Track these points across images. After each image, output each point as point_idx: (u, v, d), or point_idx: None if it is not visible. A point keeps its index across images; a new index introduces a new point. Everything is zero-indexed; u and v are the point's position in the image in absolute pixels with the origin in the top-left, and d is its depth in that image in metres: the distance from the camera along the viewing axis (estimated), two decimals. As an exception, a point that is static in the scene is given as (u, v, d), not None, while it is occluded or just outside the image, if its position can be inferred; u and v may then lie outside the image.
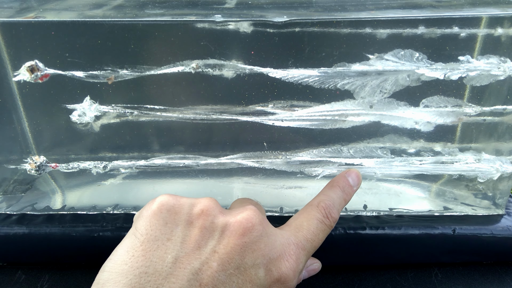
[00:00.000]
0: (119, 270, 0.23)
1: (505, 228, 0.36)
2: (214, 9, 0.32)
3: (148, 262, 0.23)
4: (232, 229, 0.24)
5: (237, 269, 0.23)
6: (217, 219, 0.25)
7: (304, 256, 0.26)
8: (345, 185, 0.31)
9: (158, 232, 0.24)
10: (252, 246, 0.24)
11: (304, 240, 0.26)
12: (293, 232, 0.27)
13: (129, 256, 0.23)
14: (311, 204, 0.29)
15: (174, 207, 0.25)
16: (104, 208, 0.38)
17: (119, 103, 0.34)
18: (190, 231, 0.24)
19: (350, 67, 0.32)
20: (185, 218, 0.25)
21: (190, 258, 0.23)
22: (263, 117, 0.34)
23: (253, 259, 0.24)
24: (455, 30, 0.31)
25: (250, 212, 0.25)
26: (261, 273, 0.24)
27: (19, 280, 0.36)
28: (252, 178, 0.38)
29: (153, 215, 0.25)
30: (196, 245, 0.24)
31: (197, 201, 0.26)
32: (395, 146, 0.36)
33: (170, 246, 0.23)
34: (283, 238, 0.26)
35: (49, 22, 0.31)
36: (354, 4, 0.33)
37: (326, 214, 0.28)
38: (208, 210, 0.25)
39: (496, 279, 0.36)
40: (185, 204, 0.26)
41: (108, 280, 0.22)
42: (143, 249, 0.23)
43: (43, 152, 0.37)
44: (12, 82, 0.33)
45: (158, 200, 0.26)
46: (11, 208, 0.38)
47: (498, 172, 0.36)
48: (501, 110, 0.34)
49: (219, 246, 0.24)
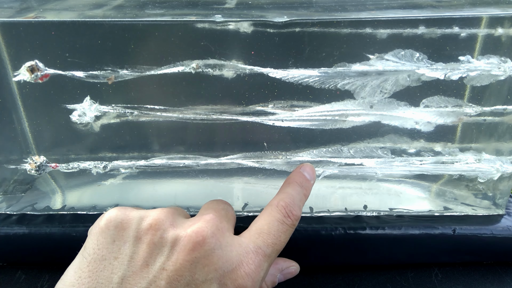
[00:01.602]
0: None
1: (505, 228, 0.36)
2: (214, 9, 0.32)
3: (94, 284, 0.22)
4: (182, 244, 0.23)
5: (187, 286, 0.22)
6: (167, 234, 0.24)
7: (265, 262, 0.25)
8: (302, 180, 0.30)
9: (105, 251, 0.23)
10: (203, 260, 0.23)
11: (265, 246, 0.25)
12: (252, 238, 0.26)
13: (76, 277, 0.23)
14: (270, 205, 0.28)
15: (122, 223, 0.24)
16: (104, 208, 0.38)
17: (119, 103, 0.34)
18: (138, 248, 0.23)
19: (351, 67, 0.32)
20: (133, 234, 0.24)
21: (137, 277, 0.22)
22: (263, 117, 0.34)
23: (204, 275, 0.23)
24: (456, 30, 0.31)
25: (202, 224, 0.24)
26: (214, 287, 0.23)
27: (19, 280, 0.36)
28: (252, 178, 0.38)
29: (101, 232, 0.24)
30: (144, 263, 0.23)
31: (146, 214, 0.25)
32: (395, 146, 0.36)
33: (117, 266, 0.23)
34: (240, 247, 0.25)
35: (49, 22, 0.31)
36: (354, 4, 0.33)
37: (286, 213, 0.27)
38: (157, 224, 0.24)
39: (496, 279, 0.36)
40: (134, 218, 0.24)
41: None
42: (90, 269, 0.23)
43: (43, 152, 0.37)
44: (12, 82, 0.33)
45: (107, 215, 0.25)
46: (11, 208, 0.38)
47: (498, 172, 0.36)
48: (502, 110, 0.34)
49: (168, 262, 0.23)
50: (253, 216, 0.37)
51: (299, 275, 0.36)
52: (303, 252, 0.35)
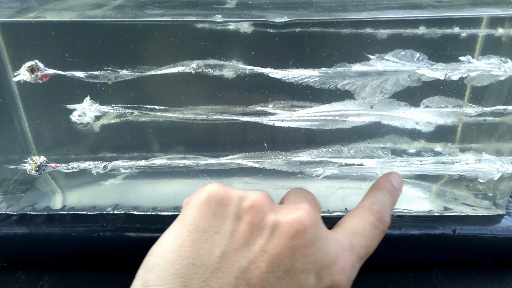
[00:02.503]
0: (166, 257, 0.22)
1: (505, 228, 0.36)
2: (214, 9, 0.32)
3: (195, 254, 0.22)
4: (283, 229, 0.23)
5: (286, 272, 0.22)
6: (267, 217, 0.24)
7: (358, 263, 0.25)
8: (391, 188, 0.29)
9: (207, 224, 0.23)
10: (302, 250, 0.23)
11: (359, 247, 0.25)
12: (347, 236, 0.25)
13: (176, 244, 0.23)
14: (362, 207, 0.27)
15: (223, 199, 0.24)
16: (104, 208, 0.38)
17: (119, 103, 0.34)
18: (238, 226, 0.23)
19: (351, 68, 0.32)
20: (234, 212, 0.24)
21: (238, 255, 0.22)
22: (263, 118, 0.34)
23: (303, 264, 0.22)
24: (456, 30, 0.31)
25: (302, 213, 0.24)
26: (311, 279, 0.22)
27: (19, 280, 0.36)
28: (252, 178, 0.38)
29: (202, 204, 0.24)
30: (245, 242, 0.23)
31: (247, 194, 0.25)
32: (395, 147, 0.36)
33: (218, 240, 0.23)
34: (336, 243, 0.24)
35: (49, 22, 0.31)
36: (355, 4, 0.33)
37: (379, 218, 0.27)
38: (258, 205, 0.24)
39: (497, 279, 0.36)
40: (235, 196, 0.24)
41: (155, 266, 0.22)
42: (191, 239, 0.23)
43: (43, 152, 0.37)
44: (12, 82, 0.33)
45: (208, 189, 0.24)
46: (11, 208, 0.38)
47: (498, 172, 0.36)
48: (502, 110, 0.34)
49: (268, 245, 0.22)
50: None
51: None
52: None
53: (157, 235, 0.35)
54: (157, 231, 0.36)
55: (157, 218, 0.37)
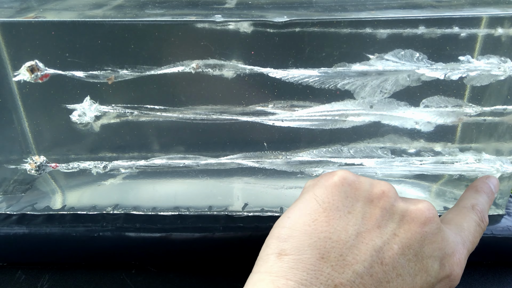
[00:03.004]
0: (301, 229, 0.23)
1: (505, 228, 0.36)
2: (214, 9, 0.32)
3: (332, 229, 0.23)
4: (414, 216, 0.24)
5: (415, 256, 0.23)
6: (397, 203, 0.25)
7: (466, 256, 0.26)
8: (489, 191, 0.31)
9: (340, 204, 0.24)
10: (431, 237, 0.24)
11: (468, 241, 0.27)
12: (457, 231, 0.27)
13: (311, 219, 0.23)
14: (464, 206, 0.29)
15: (355, 183, 0.25)
16: (104, 208, 0.38)
17: (119, 103, 0.34)
18: (370, 209, 0.24)
19: (350, 67, 0.32)
20: (366, 195, 0.25)
21: (372, 235, 0.23)
22: (263, 117, 0.34)
23: (430, 250, 0.24)
24: (456, 30, 0.31)
25: (429, 204, 0.25)
26: (436, 265, 0.24)
27: (19, 280, 0.36)
28: (252, 178, 0.38)
29: (334, 186, 0.25)
30: (376, 224, 0.24)
31: (377, 182, 0.26)
32: (395, 146, 0.36)
33: (352, 219, 0.24)
34: (453, 236, 0.26)
35: (49, 22, 0.31)
36: (354, 4, 0.33)
37: (481, 218, 0.28)
38: (389, 192, 0.25)
39: (496, 279, 0.36)
40: (365, 182, 0.26)
41: (291, 236, 0.23)
42: (326, 215, 0.24)
43: (43, 152, 0.37)
44: (12, 82, 0.33)
45: (339, 173, 0.26)
46: (11, 208, 0.38)
47: (498, 172, 0.36)
48: (502, 110, 0.34)
49: (399, 230, 0.24)
50: (253, 216, 0.37)
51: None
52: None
53: (157, 235, 0.36)
54: (157, 231, 0.36)
55: (157, 218, 0.37)
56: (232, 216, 0.37)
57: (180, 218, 0.37)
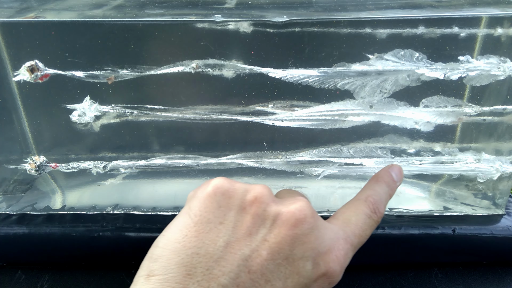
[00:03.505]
0: (172, 247, 0.23)
1: (505, 228, 0.36)
2: (214, 9, 0.32)
3: (200, 243, 0.23)
4: (284, 218, 0.24)
5: (285, 259, 0.23)
6: (270, 208, 0.25)
7: (351, 251, 0.26)
8: (390, 180, 0.30)
9: (212, 215, 0.24)
10: (302, 238, 0.24)
11: (353, 235, 0.26)
12: (341, 226, 0.26)
13: (182, 235, 0.23)
14: (358, 199, 0.29)
15: (228, 191, 0.25)
16: (104, 208, 0.38)
17: (119, 103, 0.34)
18: (242, 217, 0.24)
19: (350, 67, 0.32)
20: (238, 204, 0.25)
21: (241, 244, 0.23)
22: (263, 117, 0.34)
23: (302, 251, 0.24)
24: (455, 30, 0.31)
25: (303, 204, 0.25)
26: (308, 266, 0.24)
27: (19, 280, 0.36)
28: (252, 178, 0.38)
29: (208, 197, 0.25)
30: (248, 232, 0.24)
31: (251, 188, 0.26)
32: (395, 146, 0.36)
33: (222, 230, 0.24)
34: (332, 232, 0.26)
35: (49, 22, 0.31)
36: (354, 4, 0.33)
37: (374, 209, 0.28)
38: (262, 197, 0.25)
39: (496, 279, 0.36)
40: (239, 189, 0.26)
41: (161, 256, 0.23)
42: (196, 230, 0.24)
43: (43, 152, 0.37)
44: (12, 82, 0.33)
45: (213, 182, 0.26)
46: (11, 208, 0.38)
47: (498, 172, 0.36)
48: (501, 110, 0.34)
49: (270, 235, 0.24)
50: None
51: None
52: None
53: (157, 235, 0.35)
54: (157, 231, 0.36)
55: (157, 218, 0.37)
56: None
57: (180, 218, 0.37)
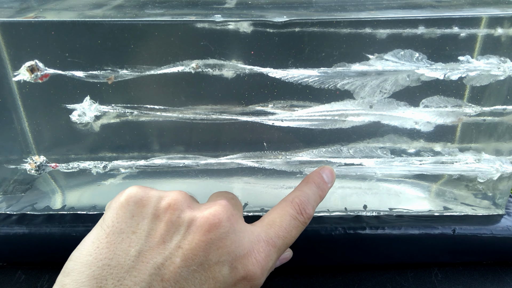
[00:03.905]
0: (83, 260, 0.23)
1: (505, 228, 0.36)
2: (214, 9, 0.32)
3: (111, 255, 0.23)
4: (198, 224, 0.24)
5: (200, 265, 0.23)
6: (184, 214, 0.24)
7: (274, 253, 0.26)
8: (320, 181, 0.30)
9: (124, 225, 0.24)
10: (217, 242, 0.24)
11: (276, 237, 0.26)
12: (264, 228, 0.26)
13: (94, 247, 0.23)
14: (285, 200, 0.29)
15: (142, 200, 0.25)
16: (104, 208, 0.38)
17: (119, 103, 0.34)
18: (156, 225, 0.24)
19: (350, 67, 0.32)
20: (152, 212, 0.24)
21: (154, 252, 0.23)
22: (263, 117, 0.34)
23: (217, 256, 0.23)
24: (455, 30, 0.31)
25: (218, 208, 0.25)
26: (225, 270, 0.23)
27: (19, 280, 0.36)
28: (252, 178, 0.38)
29: (121, 207, 0.25)
30: (161, 240, 0.23)
31: (165, 194, 0.26)
32: (395, 146, 0.36)
33: (135, 240, 0.23)
34: (252, 235, 0.25)
35: (49, 22, 0.31)
36: (354, 4, 0.33)
37: (300, 210, 0.28)
38: (176, 204, 0.25)
39: (496, 279, 0.36)
40: (153, 197, 0.25)
41: (73, 270, 0.23)
42: (108, 241, 0.23)
43: (43, 152, 0.37)
44: (12, 82, 0.33)
45: (127, 192, 0.25)
46: (11, 208, 0.38)
47: (498, 172, 0.36)
48: (501, 110, 0.34)
49: (183, 241, 0.23)
50: (253, 216, 0.37)
51: (299, 275, 0.36)
52: (303, 252, 0.35)
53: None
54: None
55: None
56: (232, 216, 0.37)
57: (180, 218, 0.37)
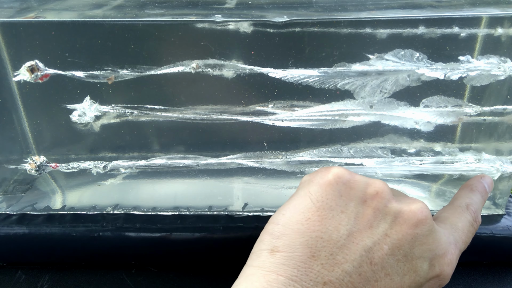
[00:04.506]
0: (294, 227, 0.24)
1: (505, 228, 0.36)
2: (214, 9, 0.32)
3: (324, 228, 0.23)
4: (406, 217, 0.25)
5: (404, 256, 0.24)
6: (391, 204, 0.25)
7: (458, 257, 0.27)
8: (483, 190, 0.31)
9: (333, 203, 0.25)
10: (422, 238, 0.24)
11: (460, 242, 0.27)
12: (451, 232, 0.27)
13: (304, 217, 0.24)
14: (459, 206, 0.29)
15: (349, 182, 0.26)
16: (104, 208, 0.38)
17: (119, 103, 0.34)
18: (363, 209, 0.25)
19: (350, 67, 0.32)
20: (360, 195, 0.25)
21: (363, 235, 0.24)
22: (263, 117, 0.34)
23: (421, 251, 0.24)
24: (455, 30, 0.31)
25: (423, 205, 0.26)
26: (425, 266, 0.24)
27: (19, 280, 0.36)
28: (252, 178, 0.38)
29: (329, 184, 0.25)
30: (369, 224, 0.24)
31: (371, 181, 0.26)
32: (395, 146, 0.36)
33: (345, 219, 0.24)
34: (445, 236, 0.26)
35: (49, 22, 0.31)
36: (354, 4, 0.33)
37: (475, 218, 0.29)
38: (383, 193, 0.25)
39: (496, 279, 0.36)
40: (360, 181, 0.26)
41: (283, 234, 0.23)
42: (319, 215, 0.24)
43: (43, 152, 0.37)
44: (12, 82, 0.33)
45: (334, 171, 0.26)
46: (11, 208, 0.38)
47: (498, 172, 0.36)
48: (501, 110, 0.34)
49: (391, 230, 0.24)
50: (253, 216, 0.37)
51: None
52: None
53: (157, 235, 0.36)
54: (157, 231, 0.36)
55: (157, 218, 0.37)
56: (232, 216, 0.37)
57: (180, 218, 0.37)
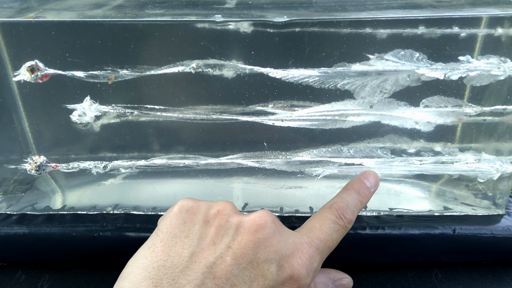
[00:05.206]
0: (139, 263, 0.24)
1: (505, 228, 0.36)
2: (214, 9, 0.32)
3: (166, 257, 0.24)
4: (246, 226, 0.26)
5: (250, 263, 0.24)
6: (232, 218, 0.27)
7: (317, 255, 0.27)
8: (360, 187, 0.31)
9: (177, 230, 0.26)
10: (264, 242, 0.25)
11: (317, 239, 0.27)
12: (305, 232, 0.28)
13: (149, 251, 0.25)
14: (324, 207, 0.30)
15: (192, 208, 0.27)
16: (104, 208, 0.38)
17: (119, 103, 0.34)
18: (206, 229, 0.26)
19: (350, 67, 0.32)
20: (203, 218, 0.27)
21: (205, 253, 0.24)
22: (263, 117, 0.34)
23: (265, 255, 0.25)
24: (455, 30, 0.31)
25: (263, 212, 0.27)
26: (273, 268, 0.25)
27: (19, 280, 0.36)
28: (252, 178, 0.38)
29: (174, 215, 0.27)
30: (212, 242, 0.25)
31: (214, 204, 0.28)
32: (395, 146, 0.36)
33: (187, 243, 0.25)
34: (295, 237, 0.27)
35: (49, 22, 0.31)
36: (354, 4, 0.33)
37: (339, 215, 0.29)
38: (224, 210, 0.27)
39: (496, 279, 0.36)
40: (203, 206, 0.28)
41: (130, 273, 0.24)
42: (163, 245, 0.25)
43: (43, 152, 0.37)
44: (12, 82, 0.33)
45: (179, 203, 0.28)
46: (11, 208, 0.38)
47: (498, 172, 0.36)
48: (501, 110, 0.34)
49: (233, 242, 0.25)
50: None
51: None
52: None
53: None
54: (157, 231, 0.36)
55: (157, 218, 0.37)
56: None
57: (180, 218, 0.37)
